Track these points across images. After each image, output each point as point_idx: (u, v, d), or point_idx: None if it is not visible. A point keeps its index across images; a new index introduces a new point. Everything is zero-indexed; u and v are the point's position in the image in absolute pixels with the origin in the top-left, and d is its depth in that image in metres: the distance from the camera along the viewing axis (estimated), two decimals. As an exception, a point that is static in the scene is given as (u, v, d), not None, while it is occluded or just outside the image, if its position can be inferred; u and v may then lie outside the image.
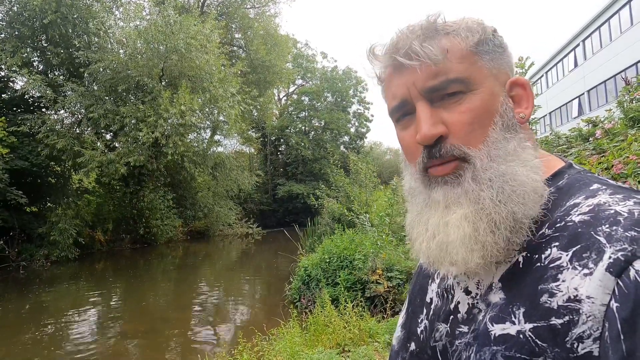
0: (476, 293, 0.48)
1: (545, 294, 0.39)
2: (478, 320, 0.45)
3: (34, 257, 12.19)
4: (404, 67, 0.47)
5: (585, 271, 0.37)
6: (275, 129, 29.80)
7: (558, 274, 0.39)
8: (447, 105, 0.46)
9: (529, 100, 0.49)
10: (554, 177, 0.48)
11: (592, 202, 0.41)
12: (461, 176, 0.46)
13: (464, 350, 0.45)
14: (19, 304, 8.05)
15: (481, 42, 0.48)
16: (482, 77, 0.47)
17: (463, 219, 0.45)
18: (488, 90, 0.47)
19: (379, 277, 4.85)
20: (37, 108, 13.90)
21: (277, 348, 3.06)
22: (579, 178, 0.46)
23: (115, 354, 5.24)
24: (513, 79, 0.49)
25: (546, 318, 0.38)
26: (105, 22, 13.69)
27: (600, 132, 4.46)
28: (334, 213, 9.73)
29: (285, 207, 27.91)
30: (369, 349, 3.05)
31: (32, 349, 5.47)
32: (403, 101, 0.48)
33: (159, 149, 13.84)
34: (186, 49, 13.10)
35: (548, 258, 0.40)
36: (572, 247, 0.39)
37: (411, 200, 0.53)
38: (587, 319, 0.36)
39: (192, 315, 7.22)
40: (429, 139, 0.46)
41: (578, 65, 20.54)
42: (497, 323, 0.42)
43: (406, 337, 0.58)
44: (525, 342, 0.39)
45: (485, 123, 0.46)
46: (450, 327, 0.49)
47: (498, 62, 0.49)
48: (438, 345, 0.50)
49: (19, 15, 12.75)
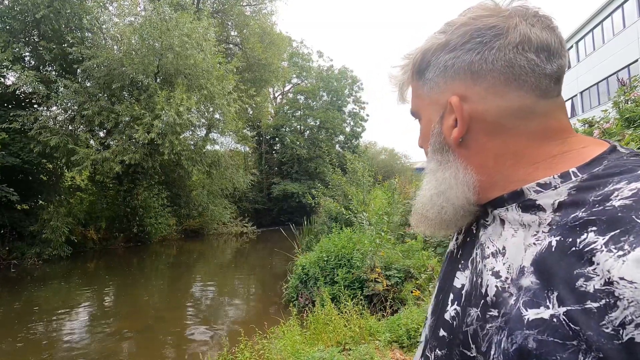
0: (506, 277, 0.47)
1: (581, 278, 0.38)
2: (509, 304, 0.44)
3: (26, 255, 12.00)
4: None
5: (620, 253, 0.36)
6: (271, 127, 29.69)
7: (593, 257, 0.38)
8: None
9: (460, 119, 0.51)
10: (590, 164, 0.47)
11: (635, 186, 0.40)
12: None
13: (495, 334, 0.45)
14: (10, 302, 7.91)
15: (416, 73, 0.55)
16: (423, 106, 0.56)
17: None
18: (426, 118, 0.56)
19: (377, 275, 4.85)
20: (29, 104, 13.66)
21: (278, 346, 3.03)
22: (620, 163, 0.45)
23: (109, 354, 5.17)
24: (450, 99, 0.51)
25: (581, 302, 0.37)
26: (99, 17, 13.50)
27: (598, 132, 4.50)
28: (331, 212, 9.73)
29: (280, 206, 27.83)
30: (369, 347, 3.04)
31: (24, 348, 5.38)
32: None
33: (154, 147, 13.69)
34: (182, 47, 12.98)
35: (583, 242, 0.39)
36: (610, 232, 0.38)
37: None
38: (629, 304, 0.34)
39: (186, 314, 7.16)
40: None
41: (571, 67, 20.79)
42: (531, 307, 0.41)
43: (436, 324, 0.58)
44: (559, 326, 0.38)
45: (425, 145, 0.58)
46: (480, 312, 0.49)
47: (441, 86, 0.52)
48: (469, 329, 0.49)
49: (10, 10, 12.51)
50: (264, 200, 28.23)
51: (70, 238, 12.93)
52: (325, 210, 10.26)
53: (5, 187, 10.94)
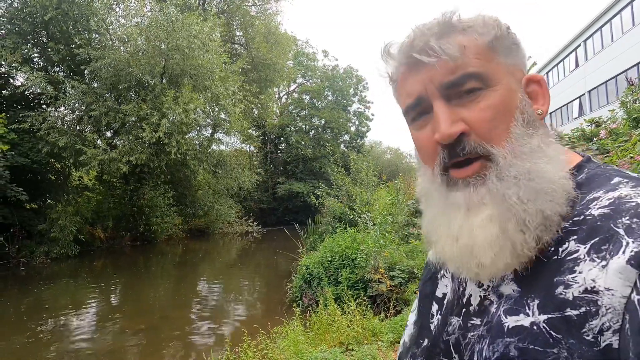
0: (488, 285, 0.47)
1: (561, 286, 0.39)
2: (491, 312, 0.45)
3: (34, 254, 12.18)
4: (421, 64, 0.46)
5: (603, 263, 0.37)
6: (276, 127, 29.77)
7: (575, 266, 0.39)
8: (465, 102, 0.45)
9: (545, 96, 0.49)
10: (573, 172, 0.47)
11: (612, 195, 0.41)
12: (485, 176, 0.45)
13: (477, 342, 0.45)
14: (19, 300, 8.04)
15: (497, 39, 0.47)
16: (500, 73, 0.46)
17: (488, 220, 0.43)
18: (506, 87, 0.46)
19: (381, 276, 4.85)
20: (37, 105, 13.86)
21: (281, 346, 3.06)
22: (599, 172, 0.46)
23: (115, 351, 5.24)
24: (529, 76, 0.50)
25: (561, 309, 0.38)
26: (106, 19, 13.65)
27: (605, 132, 4.46)
28: (335, 212, 9.73)
29: (285, 206, 27.91)
30: (372, 348, 3.05)
31: (33, 344, 5.47)
32: (419, 99, 0.48)
33: (160, 147, 13.81)
34: (188, 47, 13.07)
35: (565, 251, 0.40)
36: (590, 240, 0.39)
37: (426, 201, 0.52)
38: (607, 311, 0.35)
39: (191, 313, 7.22)
40: (449, 138, 0.45)
41: (579, 66, 20.54)
42: (511, 315, 0.42)
43: (418, 333, 0.57)
44: (539, 334, 0.38)
45: (506, 119, 0.45)
46: (462, 320, 0.49)
47: (513, 59, 0.49)
48: (451, 338, 0.50)
49: (19, 12, 12.70)
50: (269, 200, 28.33)
51: (78, 237, 13.10)
52: (329, 210, 10.27)
53: (15, 187, 11.11)
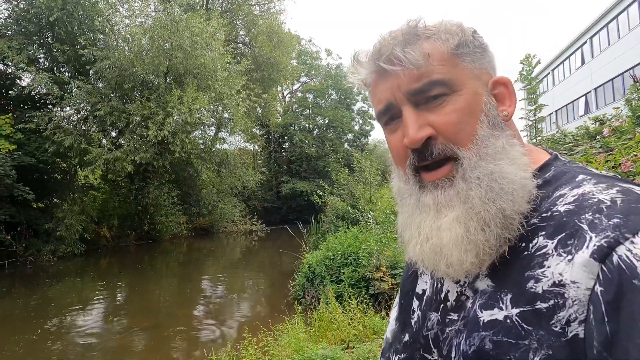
0: (464, 281, 0.49)
1: (531, 280, 0.40)
2: (467, 307, 0.47)
3: (41, 252, 12.32)
4: (388, 72, 0.48)
5: (569, 257, 0.38)
6: (279, 126, 29.79)
7: (544, 260, 0.40)
8: (432, 107, 0.47)
9: (512, 98, 0.51)
10: (540, 170, 0.50)
11: (576, 192, 0.43)
12: (453, 178, 0.47)
13: (455, 337, 0.47)
14: (26, 298, 8.15)
15: (461, 45, 0.49)
16: (465, 78, 0.48)
17: (454, 220, 0.46)
18: (471, 91, 0.48)
19: (383, 274, 4.86)
20: (43, 105, 14.00)
21: (282, 343, 3.08)
22: (565, 170, 0.48)
23: (121, 348, 5.30)
24: (495, 78, 0.51)
25: (532, 302, 0.39)
26: (111, 19, 13.74)
27: (608, 130, 4.42)
28: (338, 211, 9.74)
29: (289, 205, 27.94)
30: (373, 346, 3.07)
31: (40, 341, 5.55)
32: (388, 105, 0.50)
33: (165, 146, 13.90)
34: (191, 47, 13.12)
35: (535, 246, 0.42)
36: (557, 235, 0.41)
37: (400, 202, 0.54)
38: (573, 303, 0.37)
39: (196, 310, 7.27)
40: (417, 142, 0.47)
41: (585, 63, 20.33)
42: (486, 309, 0.43)
43: (400, 329, 0.59)
44: (512, 327, 0.40)
45: (471, 122, 0.47)
46: (440, 316, 0.51)
47: (479, 63, 0.50)
48: (430, 334, 0.51)
49: (25, 12, 12.82)
50: (273, 199, 28.37)
51: (83, 235, 13.23)
52: (332, 209, 10.29)
53: (22, 186, 11.25)
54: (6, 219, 11.41)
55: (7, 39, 12.43)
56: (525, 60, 3.62)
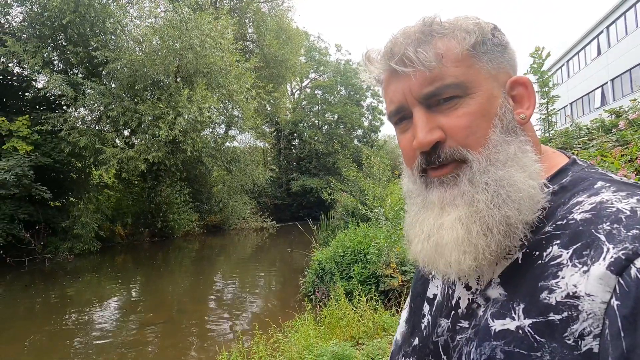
0: (476, 289, 0.48)
1: (545, 291, 0.39)
2: (478, 315, 0.46)
3: (59, 250, 12.66)
4: (399, 73, 0.47)
5: (584, 269, 0.37)
6: (289, 123, 29.85)
7: (558, 271, 0.39)
8: (444, 110, 0.46)
9: (531, 99, 0.49)
10: (557, 175, 0.48)
11: (594, 200, 0.41)
12: (458, 177, 0.46)
13: (465, 345, 0.46)
14: (46, 294, 8.41)
15: (478, 44, 0.47)
16: (480, 79, 0.46)
17: (457, 221, 0.45)
18: (486, 93, 0.46)
19: (393, 271, 4.85)
20: (58, 106, 14.33)
21: (292, 340, 3.12)
22: (582, 176, 0.46)
23: (136, 343, 5.43)
24: (514, 78, 0.49)
25: (545, 314, 0.38)
26: (121, 20, 13.94)
27: (624, 123, 4.30)
28: (348, 207, 9.74)
29: (299, 202, 28.04)
30: (383, 342, 3.08)
31: (59, 337, 5.73)
32: (400, 107, 0.49)
33: (176, 145, 14.09)
34: (201, 46, 13.23)
35: (549, 255, 0.41)
36: (572, 245, 0.39)
37: (409, 202, 0.54)
38: (588, 317, 0.36)
39: (208, 306, 7.39)
40: (426, 146, 0.46)
41: (601, 54, 19.76)
42: (498, 319, 0.42)
43: (410, 332, 0.59)
44: (524, 337, 0.39)
45: (484, 126, 0.46)
46: (451, 323, 0.50)
47: (497, 62, 0.48)
48: (440, 340, 0.51)
49: (39, 16, 13.10)
50: (283, 196, 28.51)
51: (99, 233, 13.54)
52: (342, 206, 10.28)
53: (39, 186, 11.57)
54: (25, 217, 11.76)
55: (22, 42, 12.74)
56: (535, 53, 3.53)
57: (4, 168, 10.71)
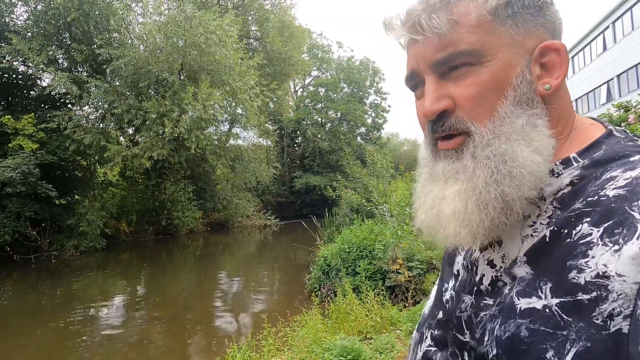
0: (500, 266, 0.47)
1: (574, 270, 0.38)
2: (504, 293, 0.45)
3: (65, 247, 12.75)
4: (414, 39, 0.46)
5: (616, 247, 0.36)
6: (292, 121, 29.83)
7: (588, 250, 0.38)
8: (455, 78, 0.45)
9: (562, 68, 0.45)
10: (589, 148, 0.45)
11: (629, 175, 0.39)
12: (462, 152, 0.46)
13: (489, 321, 0.46)
14: (52, 291, 8.47)
15: (500, 7, 0.43)
16: (499, 46, 0.43)
17: (456, 194, 0.45)
18: (502, 61, 0.43)
19: (399, 266, 4.84)
20: (63, 104, 14.39)
21: (301, 334, 3.12)
22: (617, 149, 0.44)
23: (142, 339, 5.46)
24: (545, 44, 0.45)
25: (573, 293, 0.37)
26: (125, 18, 13.96)
27: (634, 117, 4.26)
28: (352, 204, 9.73)
29: (303, 199, 28.05)
30: (391, 337, 3.07)
31: (65, 333, 5.77)
32: (412, 73, 0.49)
33: (180, 142, 14.13)
34: (205, 44, 13.23)
35: (578, 234, 0.39)
36: (603, 223, 0.37)
37: (420, 170, 0.54)
38: (618, 297, 0.35)
39: (214, 303, 7.43)
40: (431, 114, 0.46)
41: (607, 49, 19.59)
42: (524, 297, 0.41)
43: (435, 305, 0.59)
44: (551, 316, 0.38)
45: (493, 97, 0.44)
46: (475, 299, 0.49)
47: (526, 26, 0.44)
48: (463, 315, 0.50)
49: (43, 14, 13.15)
50: (287, 193, 28.54)
51: (104, 231, 13.62)
52: (346, 203, 10.27)
53: (45, 184, 11.65)
54: (31, 215, 11.84)
55: (27, 40, 12.79)
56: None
57: (10, 166, 10.78)
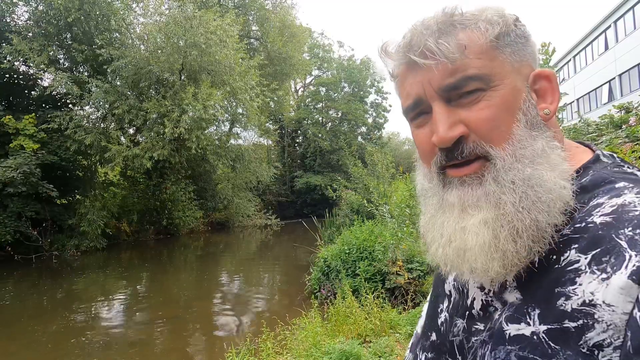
0: (489, 290, 0.47)
1: (561, 297, 0.38)
2: (494, 318, 0.45)
3: (66, 246, 12.79)
4: (419, 65, 0.45)
5: (603, 276, 0.36)
6: (293, 120, 29.84)
7: (576, 277, 0.38)
8: (465, 103, 0.44)
9: (555, 93, 0.46)
10: (578, 174, 0.46)
11: (615, 202, 0.39)
12: (483, 177, 0.44)
13: (480, 347, 0.45)
14: (53, 291, 8.50)
15: (502, 35, 0.45)
16: (503, 72, 0.44)
17: (482, 224, 0.43)
18: (509, 86, 0.44)
19: (399, 268, 4.84)
20: (64, 104, 14.42)
21: (300, 337, 3.12)
22: (604, 175, 0.44)
23: (142, 339, 5.47)
24: (537, 72, 0.47)
25: (560, 321, 0.37)
26: (126, 18, 13.96)
27: (635, 119, 4.25)
28: (353, 204, 9.72)
29: (304, 199, 28.06)
30: (390, 340, 3.07)
31: (66, 333, 5.78)
32: (417, 100, 0.46)
33: (181, 142, 14.14)
34: (206, 44, 13.22)
35: (566, 260, 0.39)
36: (591, 250, 0.38)
37: (424, 201, 0.51)
38: (608, 328, 0.34)
39: (214, 303, 7.43)
40: (448, 142, 0.44)
41: (609, 48, 19.52)
42: (512, 323, 0.42)
43: (429, 326, 0.58)
44: (539, 344, 0.38)
45: (508, 120, 0.43)
46: (467, 323, 0.49)
47: (520, 55, 0.46)
48: (455, 340, 0.50)
49: (44, 14, 13.17)
50: (287, 193, 28.56)
51: (105, 231, 13.65)
52: (346, 203, 10.27)
53: (46, 184, 11.68)
54: (32, 215, 11.87)
55: (28, 41, 12.80)
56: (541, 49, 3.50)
57: (11, 166, 10.81)
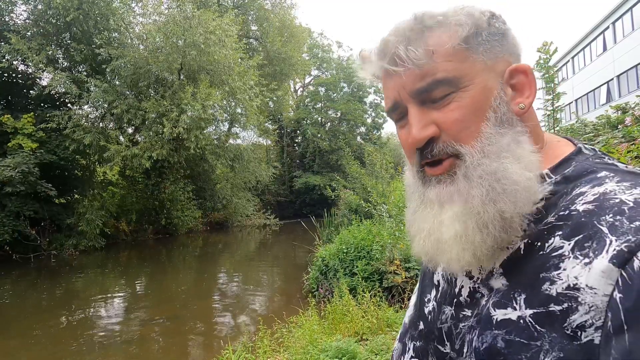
0: (477, 277, 0.49)
1: (546, 282, 0.39)
2: (481, 304, 0.47)
3: (64, 246, 12.78)
4: (392, 71, 0.47)
5: (586, 261, 0.37)
6: (292, 120, 29.83)
7: (560, 262, 0.39)
8: (437, 105, 0.46)
9: (532, 87, 0.48)
10: (560, 165, 0.48)
11: (597, 191, 0.41)
12: (455, 174, 0.46)
13: (468, 333, 0.47)
14: (51, 290, 8.49)
15: (471, 36, 0.46)
16: (474, 72, 0.46)
17: (454, 217, 0.45)
18: (479, 86, 0.46)
19: (396, 267, 4.86)
20: (62, 104, 14.40)
21: (297, 335, 3.13)
22: (586, 166, 0.46)
23: (141, 339, 5.47)
24: (513, 67, 0.48)
25: (545, 305, 0.39)
26: (125, 18, 13.96)
27: (631, 119, 4.27)
28: (351, 204, 9.73)
29: (302, 199, 28.06)
30: (387, 338, 3.08)
31: (64, 332, 5.79)
32: (395, 103, 0.49)
33: (180, 142, 14.14)
34: (205, 44, 13.23)
35: (550, 246, 0.41)
36: (574, 237, 0.39)
37: (409, 197, 0.54)
38: (590, 309, 0.36)
39: (213, 302, 7.44)
40: (419, 142, 0.47)
41: (607, 49, 19.57)
42: (499, 308, 0.43)
43: (417, 316, 0.60)
44: (525, 327, 0.40)
45: (477, 119, 0.45)
46: (454, 310, 0.51)
47: (494, 52, 0.47)
48: (444, 327, 0.52)
49: (43, 14, 13.15)
50: (286, 193, 28.55)
51: (103, 230, 13.64)
52: (345, 203, 10.28)
53: (45, 183, 11.67)
54: (31, 214, 11.86)
55: (27, 40, 12.79)
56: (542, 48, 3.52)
57: (9, 165, 10.79)
